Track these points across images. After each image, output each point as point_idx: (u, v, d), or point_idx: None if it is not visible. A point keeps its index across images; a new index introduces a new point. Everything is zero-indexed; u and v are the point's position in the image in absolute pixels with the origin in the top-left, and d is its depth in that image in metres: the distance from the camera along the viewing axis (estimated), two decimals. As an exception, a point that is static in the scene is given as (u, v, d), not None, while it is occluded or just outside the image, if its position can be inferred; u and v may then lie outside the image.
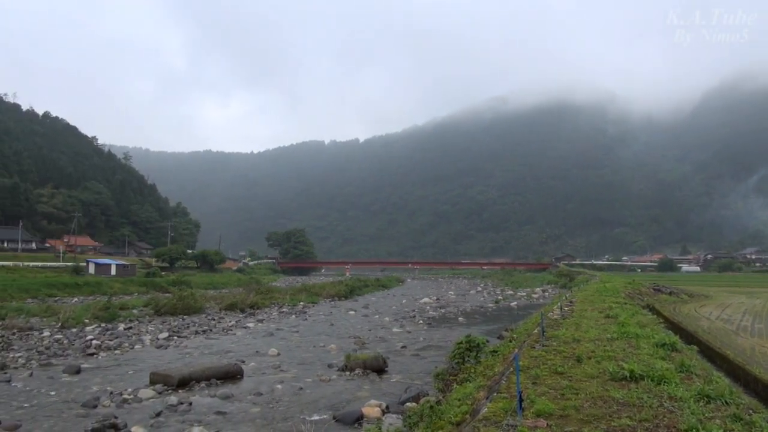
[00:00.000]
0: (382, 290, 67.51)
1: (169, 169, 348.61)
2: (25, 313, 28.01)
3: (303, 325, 27.04)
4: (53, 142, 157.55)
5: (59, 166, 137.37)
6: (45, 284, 50.95)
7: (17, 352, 18.04)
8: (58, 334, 21.87)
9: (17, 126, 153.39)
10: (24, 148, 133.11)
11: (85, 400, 11.34)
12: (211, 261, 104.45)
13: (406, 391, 11.62)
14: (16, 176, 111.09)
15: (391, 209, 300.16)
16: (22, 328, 23.23)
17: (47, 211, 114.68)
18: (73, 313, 26.52)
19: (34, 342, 20.19)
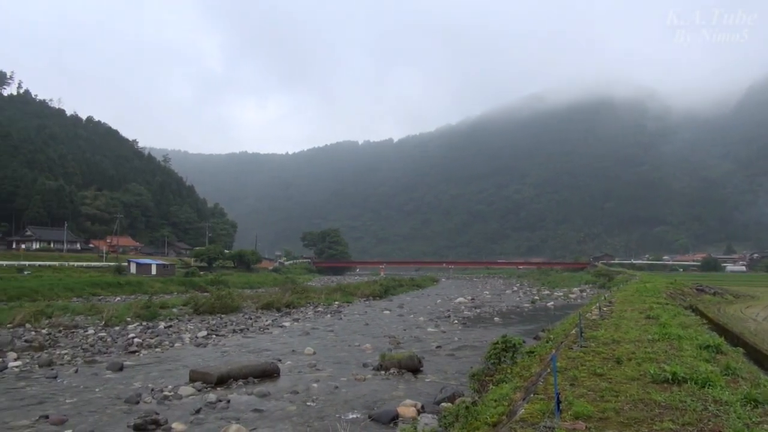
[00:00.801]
0: (417, 290, 67.38)
1: (207, 171, 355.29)
2: (70, 311, 28.91)
3: (338, 325, 27.20)
4: (96, 145, 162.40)
5: (102, 168, 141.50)
6: (89, 283, 52.50)
7: (63, 349, 18.64)
8: (101, 332, 22.53)
9: (62, 131, 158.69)
10: (68, 151, 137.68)
11: (128, 396, 11.64)
12: (247, 261, 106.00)
13: (442, 391, 11.57)
14: (62, 179, 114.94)
15: (426, 209, 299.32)
16: (68, 326, 24.02)
17: (91, 212, 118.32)
18: (116, 312, 27.25)
19: (79, 339, 20.83)
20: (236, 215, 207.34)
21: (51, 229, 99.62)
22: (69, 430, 9.11)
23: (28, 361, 16.14)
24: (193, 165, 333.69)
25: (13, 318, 25.17)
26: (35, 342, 20.29)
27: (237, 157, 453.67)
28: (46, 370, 14.90)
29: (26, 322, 24.74)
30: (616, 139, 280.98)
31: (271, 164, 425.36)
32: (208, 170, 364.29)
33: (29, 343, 19.99)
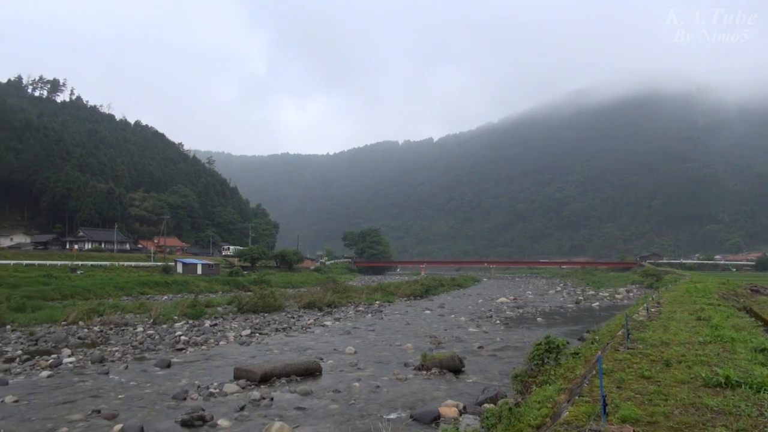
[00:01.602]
0: (458, 289, 66.96)
1: (250, 172, 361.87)
2: (120, 309, 29.87)
3: (379, 324, 27.26)
4: (144, 148, 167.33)
5: (149, 171, 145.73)
6: (138, 283, 54.08)
7: (114, 346, 19.27)
8: (150, 330, 23.20)
9: (112, 135, 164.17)
10: (118, 155, 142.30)
11: (175, 392, 11.94)
12: (289, 260, 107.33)
13: (484, 392, 11.46)
14: (112, 182, 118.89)
15: (466, 208, 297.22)
16: (118, 323, 24.84)
17: (139, 214, 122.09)
18: (164, 310, 28.00)
19: (129, 337, 21.50)
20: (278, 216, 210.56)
21: (102, 230, 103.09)
22: (119, 425, 9.40)
23: (82, 357, 16.74)
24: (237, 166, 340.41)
25: (67, 316, 26.18)
26: (88, 339, 21.07)
27: (279, 159, 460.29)
28: (98, 366, 15.44)
29: (79, 319, 25.70)
30: (663, 135, 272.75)
31: (313, 165, 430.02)
32: (251, 172, 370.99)
33: (82, 340, 20.78)
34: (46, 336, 21.52)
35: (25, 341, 20.32)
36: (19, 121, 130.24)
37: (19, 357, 16.85)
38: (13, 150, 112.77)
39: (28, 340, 20.46)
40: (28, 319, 25.71)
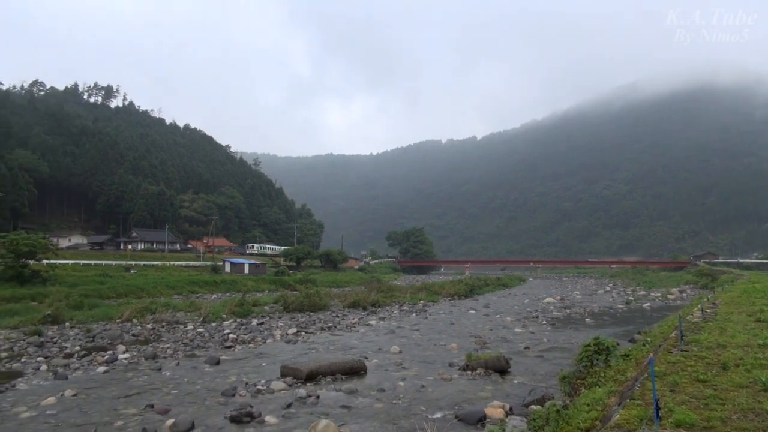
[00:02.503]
0: (503, 289, 66.15)
1: (295, 173, 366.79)
2: (172, 308, 30.76)
3: (423, 324, 27.19)
4: (192, 151, 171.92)
5: (198, 173, 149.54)
6: (188, 282, 55.55)
7: (166, 343, 19.87)
8: (200, 328, 23.80)
9: (162, 138, 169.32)
10: (168, 158, 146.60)
11: (224, 389, 12.22)
12: (334, 260, 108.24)
13: (530, 393, 11.28)
14: (162, 184, 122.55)
15: (511, 207, 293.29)
16: (170, 321, 25.60)
17: (189, 215, 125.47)
18: (213, 309, 28.69)
19: (180, 334, 22.12)
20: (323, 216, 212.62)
21: (153, 231, 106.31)
22: (171, 420, 9.67)
23: (135, 354, 17.32)
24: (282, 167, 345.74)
25: (121, 314, 27.14)
26: (141, 336, 21.80)
27: (323, 159, 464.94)
28: (151, 363, 15.94)
29: (133, 317, 26.61)
30: (718, 130, 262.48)
31: (356, 165, 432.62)
32: (296, 172, 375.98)
33: (136, 337, 21.51)
34: (102, 333, 22.37)
35: (83, 338, 21.18)
36: (76, 126, 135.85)
37: (78, 353, 17.57)
38: (71, 154, 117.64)
39: (85, 337, 21.32)
40: (85, 317, 26.78)
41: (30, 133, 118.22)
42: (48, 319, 24.91)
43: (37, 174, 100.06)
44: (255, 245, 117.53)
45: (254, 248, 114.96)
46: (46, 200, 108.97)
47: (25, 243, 46.16)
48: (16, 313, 27.47)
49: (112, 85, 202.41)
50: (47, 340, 20.34)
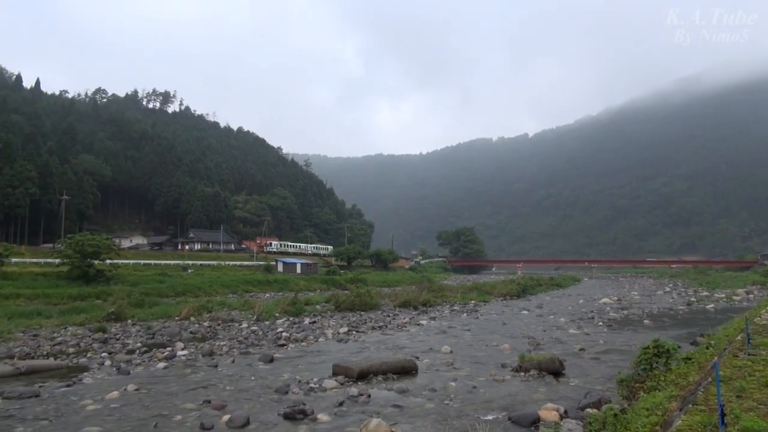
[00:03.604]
0: (557, 289, 64.79)
1: (345, 174, 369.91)
2: (227, 306, 31.60)
3: (474, 324, 26.93)
4: (246, 153, 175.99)
5: (251, 174, 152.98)
6: (242, 281, 56.89)
7: (222, 341, 20.40)
8: (254, 326, 24.33)
9: (217, 141, 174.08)
10: (223, 160, 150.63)
11: (278, 386, 12.43)
12: (384, 260, 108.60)
13: (586, 396, 10.99)
14: (217, 185, 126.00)
15: (564, 205, 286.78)
16: (225, 319, 26.28)
17: (242, 215, 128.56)
18: (266, 308, 29.27)
19: (235, 332, 22.67)
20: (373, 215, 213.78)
21: (209, 231, 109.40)
22: (227, 415, 9.91)
23: (193, 351, 17.85)
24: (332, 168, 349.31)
25: (180, 312, 28.07)
26: (198, 333, 22.47)
27: (373, 159, 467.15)
28: (208, 359, 16.40)
29: (191, 315, 27.46)
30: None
31: (406, 165, 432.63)
32: (346, 173, 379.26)
33: (193, 335, 22.19)
34: (162, 330, 23.18)
35: (144, 335, 22.01)
36: (136, 131, 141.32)
37: (139, 349, 18.27)
38: (131, 158, 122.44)
39: (146, 334, 22.15)
40: (146, 315, 27.83)
41: (94, 138, 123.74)
42: (111, 317, 26.01)
43: (100, 177, 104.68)
44: (273, 243, 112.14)
45: (272, 246, 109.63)
46: (109, 202, 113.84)
47: (90, 244, 48.36)
48: (83, 310, 28.79)
49: (169, 91, 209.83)
50: (111, 336, 21.24)
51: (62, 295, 37.77)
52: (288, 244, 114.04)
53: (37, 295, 36.99)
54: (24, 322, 24.38)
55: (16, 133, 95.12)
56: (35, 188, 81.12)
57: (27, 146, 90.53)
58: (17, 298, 35.88)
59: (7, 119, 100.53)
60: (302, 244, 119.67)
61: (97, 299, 36.62)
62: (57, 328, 23.23)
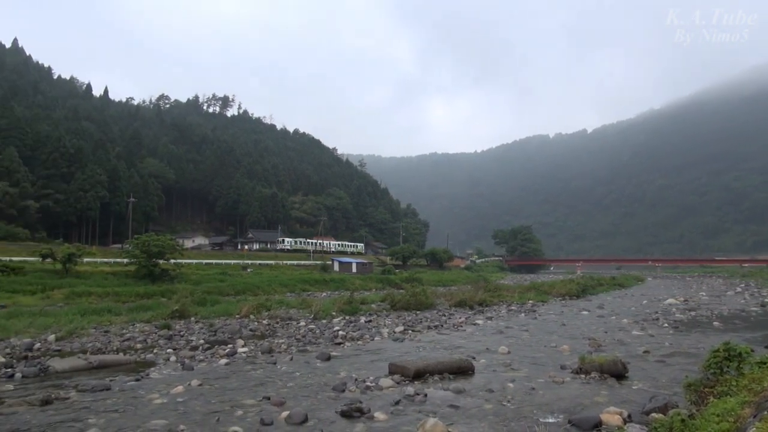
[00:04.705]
0: (619, 289, 62.75)
1: (400, 173, 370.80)
2: (285, 305, 32.21)
3: (532, 324, 26.42)
4: (302, 154, 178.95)
5: (307, 175, 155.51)
6: (300, 280, 57.87)
7: (280, 338, 20.79)
8: (311, 325, 24.69)
9: (274, 143, 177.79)
10: (280, 162, 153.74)
11: (335, 384, 12.57)
12: (439, 259, 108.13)
13: (651, 401, 10.58)
14: (275, 186, 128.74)
15: (626, 202, 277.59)
16: (283, 318, 26.78)
17: (299, 215, 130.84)
18: (323, 307, 29.64)
19: (293, 330, 23.07)
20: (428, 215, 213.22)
21: (267, 231, 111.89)
22: (286, 412, 10.09)
23: (253, 348, 18.27)
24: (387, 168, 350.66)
25: (240, 310, 28.82)
26: (258, 331, 23.00)
27: (427, 159, 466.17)
28: (267, 357, 16.75)
29: (250, 313, 28.14)
30: None
31: (461, 163, 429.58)
32: (400, 173, 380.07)
33: (253, 332, 22.74)
34: (223, 327, 23.86)
35: (206, 332, 22.72)
36: (197, 135, 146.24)
37: (202, 346, 18.87)
38: (193, 161, 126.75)
39: (208, 331, 22.86)
40: (208, 312, 28.73)
41: (158, 143, 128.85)
42: (176, 314, 26.97)
43: (164, 180, 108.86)
44: (287, 240, 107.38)
45: (285, 243, 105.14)
46: (172, 204, 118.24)
47: (155, 244, 50.36)
48: (149, 308, 29.99)
49: (228, 95, 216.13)
50: (175, 333, 22.03)
51: (130, 294, 39.50)
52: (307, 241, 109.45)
53: (108, 293, 38.85)
54: (96, 318, 25.63)
55: (86, 139, 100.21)
56: (105, 191, 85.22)
57: (97, 152, 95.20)
58: (89, 296, 37.83)
59: (79, 126, 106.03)
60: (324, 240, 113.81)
61: (162, 297, 38.09)
62: (126, 325, 24.28)
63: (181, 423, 9.59)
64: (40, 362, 15.37)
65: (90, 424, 9.55)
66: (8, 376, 13.78)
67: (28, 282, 40.99)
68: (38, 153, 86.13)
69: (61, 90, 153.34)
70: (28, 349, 17.78)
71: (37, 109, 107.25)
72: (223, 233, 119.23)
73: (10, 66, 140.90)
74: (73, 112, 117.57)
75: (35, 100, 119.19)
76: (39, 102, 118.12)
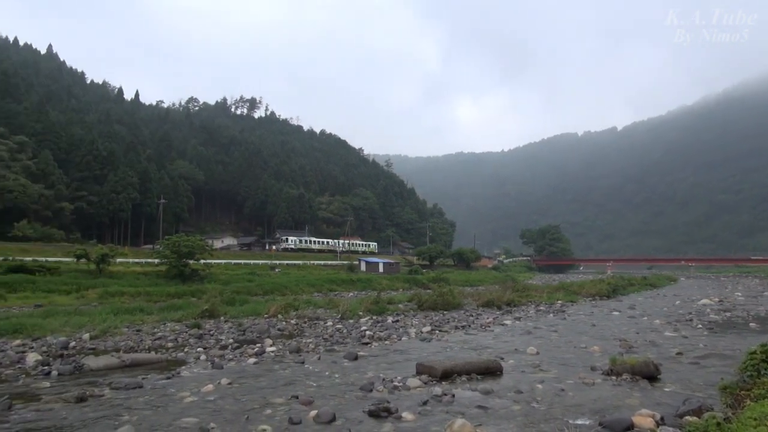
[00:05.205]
0: (650, 289, 61.60)
1: (426, 173, 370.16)
2: (312, 305, 32.43)
3: (562, 325, 26.09)
4: (328, 155, 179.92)
5: (333, 176, 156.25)
6: (327, 280, 58.19)
7: (308, 338, 20.92)
8: (338, 324, 24.79)
9: (301, 144, 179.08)
10: (306, 162, 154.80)
11: (362, 384, 12.59)
12: (466, 259, 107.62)
13: (685, 403, 10.35)
14: (302, 187, 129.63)
15: (658, 200, 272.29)
16: (311, 318, 26.95)
17: (326, 216, 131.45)
18: (350, 306, 29.75)
19: (320, 330, 23.20)
20: (454, 214, 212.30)
21: (295, 232, 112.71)
22: (315, 411, 10.15)
23: (281, 347, 18.42)
24: (413, 168, 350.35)
25: (268, 310, 29.08)
26: (286, 331, 23.18)
27: (454, 158, 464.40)
28: (295, 356, 16.86)
29: (278, 313, 28.38)
30: None
31: (488, 163, 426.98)
32: (427, 172, 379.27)
33: (281, 332, 22.92)
34: (252, 327, 24.11)
35: (235, 331, 22.99)
36: (226, 137, 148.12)
37: (231, 345, 19.09)
38: (221, 163, 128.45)
39: (237, 330, 23.12)
40: (237, 312, 29.07)
41: (187, 145, 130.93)
42: (205, 314, 27.35)
43: (193, 182, 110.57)
44: (290, 238, 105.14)
45: (289, 241, 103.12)
46: (201, 205, 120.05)
47: (185, 244, 51.19)
48: (179, 307, 30.47)
49: (255, 97, 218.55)
50: (205, 332, 22.34)
51: (161, 293, 40.26)
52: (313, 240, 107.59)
53: (139, 293, 39.66)
54: (128, 318, 26.15)
55: (118, 142, 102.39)
56: (136, 193, 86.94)
57: (128, 154, 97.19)
58: (122, 295, 38.68)
59: (111, 130, 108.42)
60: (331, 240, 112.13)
61: (192, 297, 38.69)
62: (157, 324, 24.71)
63: (211, 421, 9.72)
64: (75, 360, 15.77)
65: (123, 421, 9.75)
66: (45, 373, 14.17)
67: (64, 282, 42.09)
68: (72, 156, 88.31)
69: (93, 94, 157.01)
70: (64, 347, 18.25)
71: (71, 113, 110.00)
72: (251, 234, 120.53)
73: (45, 72, 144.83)
74: (105, 115, 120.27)
75: (69, 104, 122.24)
76: (73, 106, 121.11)
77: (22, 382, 13.29)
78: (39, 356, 16.36)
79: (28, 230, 67.94)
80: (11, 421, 9.82)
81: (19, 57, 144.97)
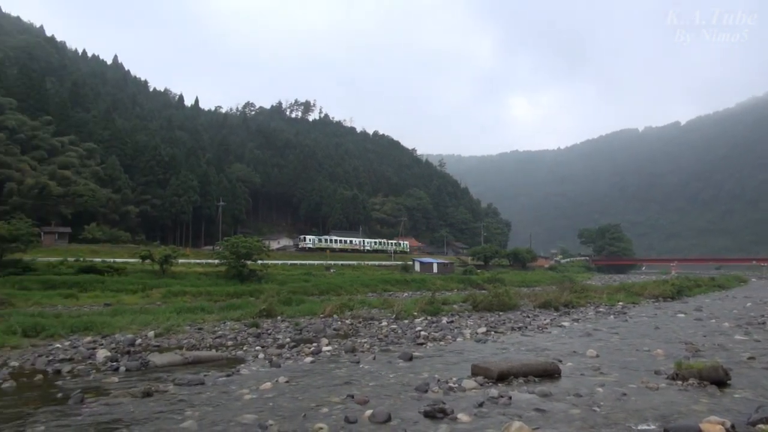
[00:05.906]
0: (719, 291, 58.83)
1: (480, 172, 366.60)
2: (367, 305, 32.64)
3: (623, 327, 25.25)
4: (381, 156, 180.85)
5: (387, 176, 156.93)
6: (381, 280, 58.45)
7: (363, 338, 21.06)
8: (393, 325, 24.85)
9: (354, 146, 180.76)
10: (360, 164, 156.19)
11: (417, 384, 12.56)
12: (522, 259, 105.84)
13: (758, 411, 9.81)
14: (355, 188, 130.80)
15: (726, 198, 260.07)
16: (366, 318, 27.12)
17: (379, 216, 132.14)
18: (405, 307, 29.75)
19: (375, 330, 23.31)
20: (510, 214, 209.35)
21: (349, 232, 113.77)
22: (370, 410, 10.19)
23: (336, 347, 18.61)
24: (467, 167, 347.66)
25: (324, 309, 29.47)
26: (341, 330, 23.43)
27: (509, 156, 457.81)
28: (350, 356, 17.00)
29: (334, 313, 28.71)
30: None
31: (544, 161, 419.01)
32: (481, 171, 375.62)
33: (337, 331, 23.18)
34: (308, 326, 24.48)
35: (292, 330, 23.40)
36: (281, 140, 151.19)
37: (288, 344, 19.45)
38: (277, 165, 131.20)
39: (294, 330, 23.53)
40: (293, 312, 29.60)
41: (244, 149, 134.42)
42: (263, 313, 27.97)
43: (251, 184, 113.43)
44: (308, 237, 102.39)
45: (307, 240, 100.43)
46: (258, 207, 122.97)
47: (243, 245, 52.51)
48: (238, 307, 31.29)
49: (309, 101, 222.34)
50: (263, 331, 22.84)
51: (221, 293, 41.45)
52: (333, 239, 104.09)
53: (200, 293, 40.97)
54: (190, 316, 27.07)
55: (180, 147, 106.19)
56: (196, 196, 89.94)
57: (189, 159, 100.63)
58: (184, 295, 40.07)
59: (173, 135, 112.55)
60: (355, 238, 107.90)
61: (251, 297, 39.64)
62: (217, 323, 25.45)
63: (269, 418, 9.92)
64: (141, 357, 16.45)
65: (187, 416, 10.09)
66: (114, 369, 14.88)
67: (130, 282, 44.01)
68: (137, 161, 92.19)
69: (156, 102, 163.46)
70: (131, 344, 19.09)
71: (136, 120, 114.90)
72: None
73: (111, 81, 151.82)
74: (167, 122, 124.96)
75: (134, 112, 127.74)
76: (137, 114, 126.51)
77: (93, 377, 14.00)
78: (108, 352, 17.18)
79: (97, 232, 71.44)
80: (83, 414, 10.37)
81: (87, 68, 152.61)
